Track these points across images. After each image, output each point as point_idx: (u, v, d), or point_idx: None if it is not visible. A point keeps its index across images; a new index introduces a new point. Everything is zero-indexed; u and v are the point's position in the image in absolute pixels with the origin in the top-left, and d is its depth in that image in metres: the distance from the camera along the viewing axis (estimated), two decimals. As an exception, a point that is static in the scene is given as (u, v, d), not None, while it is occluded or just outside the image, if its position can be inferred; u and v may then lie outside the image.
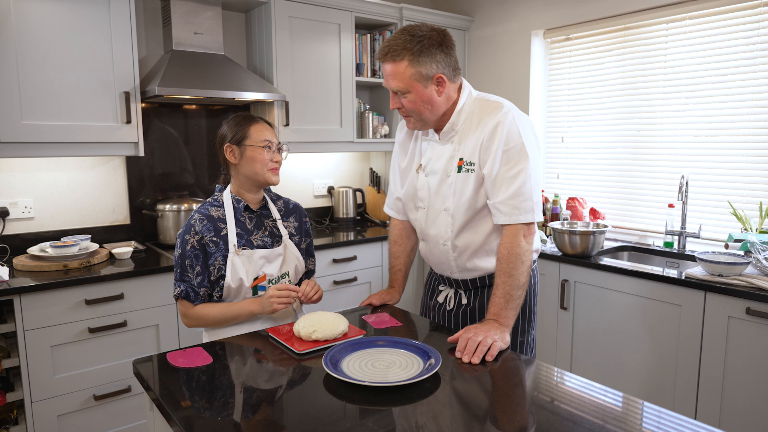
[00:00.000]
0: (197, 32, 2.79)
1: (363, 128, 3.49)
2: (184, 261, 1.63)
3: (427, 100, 1.54)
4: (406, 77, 1.51)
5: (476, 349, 1.35)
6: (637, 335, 2.42)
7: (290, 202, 1.87)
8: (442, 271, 1.74)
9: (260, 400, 1.19)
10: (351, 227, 3.51)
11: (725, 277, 2.16)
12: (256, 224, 1.74)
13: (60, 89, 2.36)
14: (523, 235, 1.51)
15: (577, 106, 3.29)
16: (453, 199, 1.60)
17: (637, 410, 1.18)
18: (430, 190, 1.66)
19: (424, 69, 1.50)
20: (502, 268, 1.51)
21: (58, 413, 2.22)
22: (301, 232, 1.84)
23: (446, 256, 1.67)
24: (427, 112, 1.56)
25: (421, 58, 1.49)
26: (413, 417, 1.10)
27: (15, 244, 2.57)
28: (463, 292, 1.71)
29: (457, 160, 1.60)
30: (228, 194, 1.72)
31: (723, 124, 2.67)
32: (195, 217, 1.67)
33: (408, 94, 1.53)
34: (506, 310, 1.47)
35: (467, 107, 1.60)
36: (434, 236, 1.68)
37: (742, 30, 2.57)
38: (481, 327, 1.43)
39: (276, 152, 1.70)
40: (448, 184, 1.61)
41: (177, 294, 1.64)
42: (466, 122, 1.60)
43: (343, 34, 3.22)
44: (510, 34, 3.50)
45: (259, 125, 1.69)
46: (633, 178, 3.05)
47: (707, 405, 2.20)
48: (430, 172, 1.66)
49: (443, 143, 1.64)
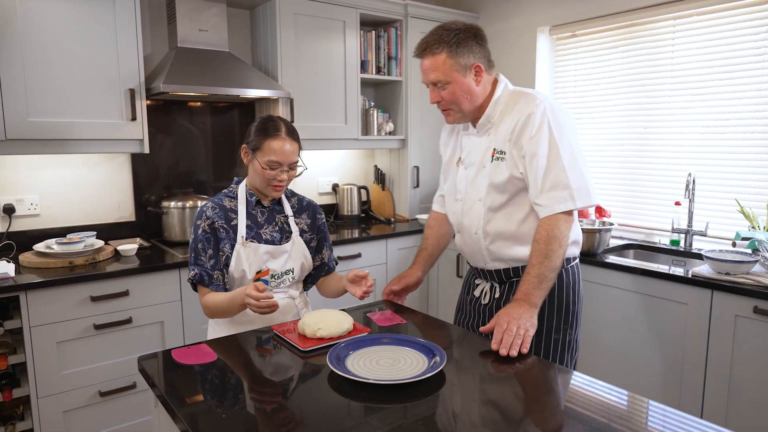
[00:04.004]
0: (202, 29, 2.79)
1: (368, 125, 3.48)
2: (197, 245, 1.67)
3: (467, 89, 1.59)
4: (446, 68, 1.56)
5: (512, 342, 1.36)
6: (643, 334, 2.41)
7: (305, 200, 1.88)
8: (476, 263, 1.76)
9: (265, 397, 1.19)
10: (356, 225, 3.51)
11: (732, 276, 2.14)
12: (267, 218, 1.75)
13: (65, 86, 2.36)
14: (564, 220, 1.53)
15: (583, 104, 3.27)
16: (485, 185, 1.64)
17: (643, 409, 1.17)
18: (467, 182, 1.70)
19: (462, 59, 1.56)
20: (539, 249, 1.51)
21: (64, 409, 2.23)
22: (314, 229, 1.85)
23: (478, 245, 1.69)
24: (467, 102, 1.61)
25: (459, 49, 1.55)
26: (418, 415, 1.10)
27: (21, 240, 2.58)
28: (498, 285, 1.71)
29: (491, 151, 1.63)
30: (243, 187, 1.75)
31: (730, 122, 2.65)
32: (208, 205, 1.71)
33: (448, 85, 1.58)
34: (538, 290, 1.48)
35: (503, 99, 1.64)
36: (467, 226, 1.70)
37: (749, 27, 2.54)
38: (512, 312, 1.42)
39: (284, 171, 1.67)
40: (483, 175, 1.65)
41: (191, 277, 1.66)
42: (501, 114, 1.63)
43: (348, 31, 3.21)
44: (516, 31, 3.48)
45: (275, 141, 1.63)
46: (639, 176, 3.04)
47: (714, 404, 2.18)
48: (468, 164, 1.71)
49: (480, 135, 1.68)
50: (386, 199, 3.69)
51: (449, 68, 1.57)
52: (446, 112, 1.67)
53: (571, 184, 1.52)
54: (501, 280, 1.70)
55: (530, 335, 1.39)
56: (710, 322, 2.17)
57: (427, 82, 1.62)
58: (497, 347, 1.36)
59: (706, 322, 2.18)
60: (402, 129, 3.58)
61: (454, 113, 1.65)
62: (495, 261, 1.69)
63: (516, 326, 1.39)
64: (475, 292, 1.78)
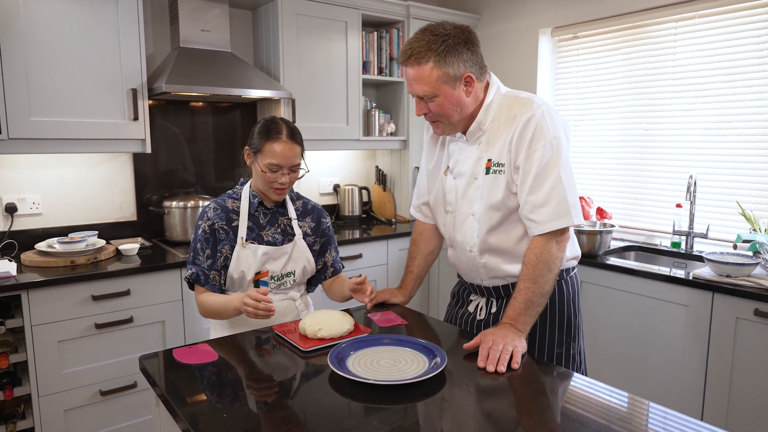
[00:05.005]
0: (204, 29, 2.80)
1: (369, 126, 3.48)
2: (195, 245, 1.69)
3: (456, 102, 1.45)
4: (433, 80, 1.41)
5: (499, 358, 1.28)
6: (643, 336, 2.41)
7: (310, 203, 1.87)
8: (471, 279, 1.65)
9: (265, 397, 1.19)
10: (357, 225, 3.51)
11: (733, 278, 2.14)
12: (269, 221, 1.76)
13: (68, 86, 2.37)
14: (556, 242, 1.43)
15: (585, 105, 3.27)
16: (480, 202, 1.52)
17: (643, 411, 1.17)
18: (458, 193, 1.58)
19: (452, 69, 1.41)
20: (527, 273, 1.43)
21: (65, 408, 2.23)
22: (318, 232, 1.84)
23: (474, 263, 1.59)
24: (456, 114, 1.48)
25: (448, 58, 1.40)
26: (418, 415, 1.10)
27: (23, 239, 2.58)
28: (495, 300, 1.62)
29: (485, 161, 1.50)
30: (247, 189, 1.75)
31: (732, 124, 2.65)
32: (210, 206, 1.72)
33: (435, 98, 1.44)
34: (525, 316, 1.40)
35: (495, 104, 1.51)
36: (461, 242, 1.60)
37: (751, 29, 2.54)
38: (498, 332, 1.35)
39: (285, 174, 1.66)
40: (475, 187, 1.53)
41: (187, 276, 1.68)
42: (494, 120, 1.50)
43: (350, 31, 3.22)
44: (517, 32, 3.48)
45: (277, 144, 1.62)
46: (640, 178, 3.04)
47: (714, 406, 2.18)
48: (457, 174, 1.58)
49: (470, 143, 1.55)
50: (387, 199, 3.69)
51: (436, 80, 1.41)
52: (434, 123, 1.54)
53: (568, 199, 1.42)
54: (499, 295, 1.61)
55: (519, 352, 1.31)
56: (711, 325, 2.17)
57: (413, 93, 1.47)
58: (484, 364, 1.28)
59: (707, 324, 2.18)
60: (403, 130, 3.59)
61: (443, 125, 1.52)
62: (492, 278, 1.59)
63: (503, 343, 1.31)
64: (470, 308, 1.69)
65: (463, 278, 1.72)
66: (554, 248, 1.43)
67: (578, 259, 1.64)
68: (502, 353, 1.29)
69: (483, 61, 1.49)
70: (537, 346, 1.58)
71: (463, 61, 1.42)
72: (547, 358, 1.58)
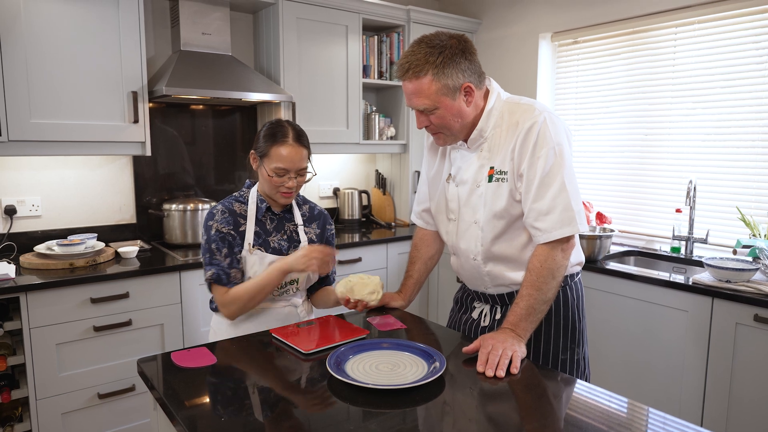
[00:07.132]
0: (205, 33, 2.80)
1: (369, 130, 3.48)
2: (210, 245, 1.63)
3: (457, 112, 1.44)
4: (432, 93, 1.40)
5: (498, 362, 1.28)
6: (643, 341, 2.40)
7: (316, 208, 1.85)
8: (476, 287, 1.64)
9: (264, 401, 1.19)
10: (356, 229, 3.51)
11: (733, 284, 2.14)
12: (276, 226, 1.73)
13: (68, 88, 2.37)
14: (561, 249, 1.42)
15: (585, 110, 3.27)
16: (483, 210, 1.51)
17: (643, 416, 1.17)
18: (460, 201, 1.57)
19: (451, 80, 1.39)
20: (530, 279, 1.42)
21: (63, 411, 2.22)
22: (322, 239, 1.83)
23: (478, 271, 1.58)
24: (458, 124, 1.46)
25: (446, 69, 1.38)
26: (417, 420, 1.10)
27: (22, 242, 2.58)
28: (499, 307, 1.61)
29: (488, 169, 1.49)
30: (254, 192, 1.72)
31: (731, 129, 2.65)
32: (218, 208, 1.67)
33: (436, 111, 1.43)
34: (526, 322, 1.39)
35: (496, 110, 1.49)
36: (464, 250, 1.58)
37: (751, 35, 2.55)
38: (497, 337, 1.35)
39: (293, 178, 1.64)
40: (478, 195, 1.51)
41: (209, 277, 1.61)
42: (495, 127, 1.49)
43: (351, 35, 3.23)
44: (518, 37, 3.49)
45: (283, 148, 1.61)
46: (640, 183, 3.04)
47: (714, 412, 2.18)
48: (460, 181, 1.56)
49: (472, 151, 1.54)
50: (387, 203, 3.69)
51: (436, 92, 1.39)
52: (436, 135, 1.52)
53: (573, 205, 1.41)
54: (503, 302, 1.60)
55: (518, 357, 1.30)
56: (710, 330, 2.17)
57: (412, 107, 1.46)
58: (483, 368, 1.28)
59: (707, 329, 2.18)
60: (403, 134, 3.59)
61: (444, 136, 1.51)
62: (497, 286, 1.58)
63: (502, 348, 1.30)
64: (473, 314, 1.67)
65: (467, 285, 1.70)
66: (559, 256, 1.42)
67: (582, 264, 1.64)
68: (501, 358, 1.29)
69: (481, 68, 1.48)
70: (542, 352, 1.57)
71: (461, 71, 1.41)
72: (551, 364, 1.57)
